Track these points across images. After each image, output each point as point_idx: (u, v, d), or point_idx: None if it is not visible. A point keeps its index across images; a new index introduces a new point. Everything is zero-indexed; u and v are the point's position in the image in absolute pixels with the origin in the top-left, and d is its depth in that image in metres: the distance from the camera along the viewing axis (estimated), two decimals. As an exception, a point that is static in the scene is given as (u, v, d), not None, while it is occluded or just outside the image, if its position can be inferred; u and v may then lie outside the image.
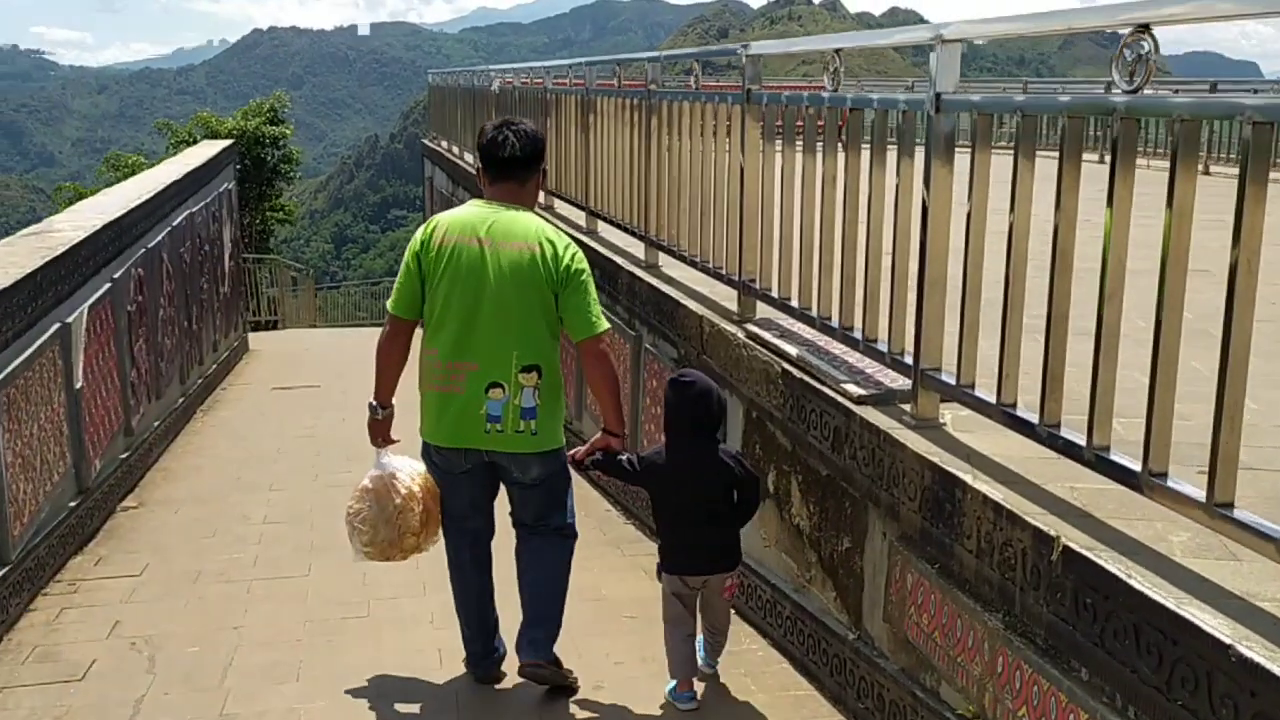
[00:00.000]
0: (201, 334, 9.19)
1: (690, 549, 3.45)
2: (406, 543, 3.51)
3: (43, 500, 4.59)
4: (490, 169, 3.53)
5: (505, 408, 3.37)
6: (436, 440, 3.45)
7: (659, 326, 5.33)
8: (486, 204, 3.50)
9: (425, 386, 3.46)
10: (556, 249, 3.42)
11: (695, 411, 3.44)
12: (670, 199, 5.48)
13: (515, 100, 9.45)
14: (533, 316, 3.38)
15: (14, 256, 4.92)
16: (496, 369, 3.36)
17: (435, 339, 3.41)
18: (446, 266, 3.38)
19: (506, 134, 3.50)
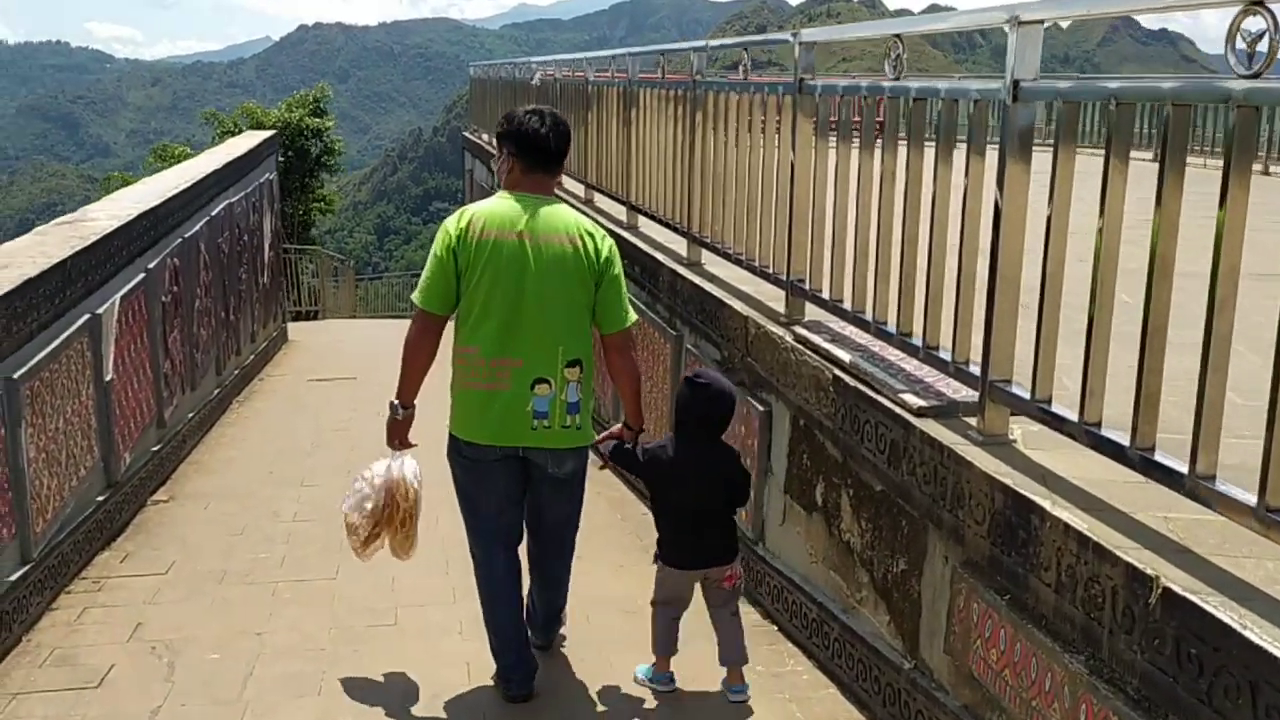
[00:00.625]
0: (239, 324, 9.10)
1: (690, 544, 3.46)
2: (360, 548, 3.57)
3: (68, 495, 4.47)
4: (526, 158, 3.41)
5: (552, 403, 3.33)
6: (478, 438, 3.35)
7: (701, 326, 5.13)
8: (519, 196, 3.39)
9: (463, 384, 3.37)
10: (596, 242, 3.39)
11: (707, 412, 3.45)
12: (715, 194, 5.27)
13: (556, 92, 9.27)
14: (576, 310, 3.35)
15: (45, 246, 4.80)
16: (543, 365, 3.31)
17: (475, 335, 3.31)
18: (487, 262, 3.28)
19: (546, 123, 3.42)
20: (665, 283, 5.71)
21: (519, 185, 3.42)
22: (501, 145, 3.48)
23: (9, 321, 3.91)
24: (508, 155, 3.45)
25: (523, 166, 3.41)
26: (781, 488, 4.18)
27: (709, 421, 3.46)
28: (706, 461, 3.44)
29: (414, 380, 3.42)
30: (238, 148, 10.50)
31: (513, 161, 3.43)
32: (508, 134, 3.44)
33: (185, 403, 6.90)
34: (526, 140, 3.40)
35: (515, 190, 3.41)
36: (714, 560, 3.47)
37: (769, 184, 4.59)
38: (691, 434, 3.45)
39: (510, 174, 3.45)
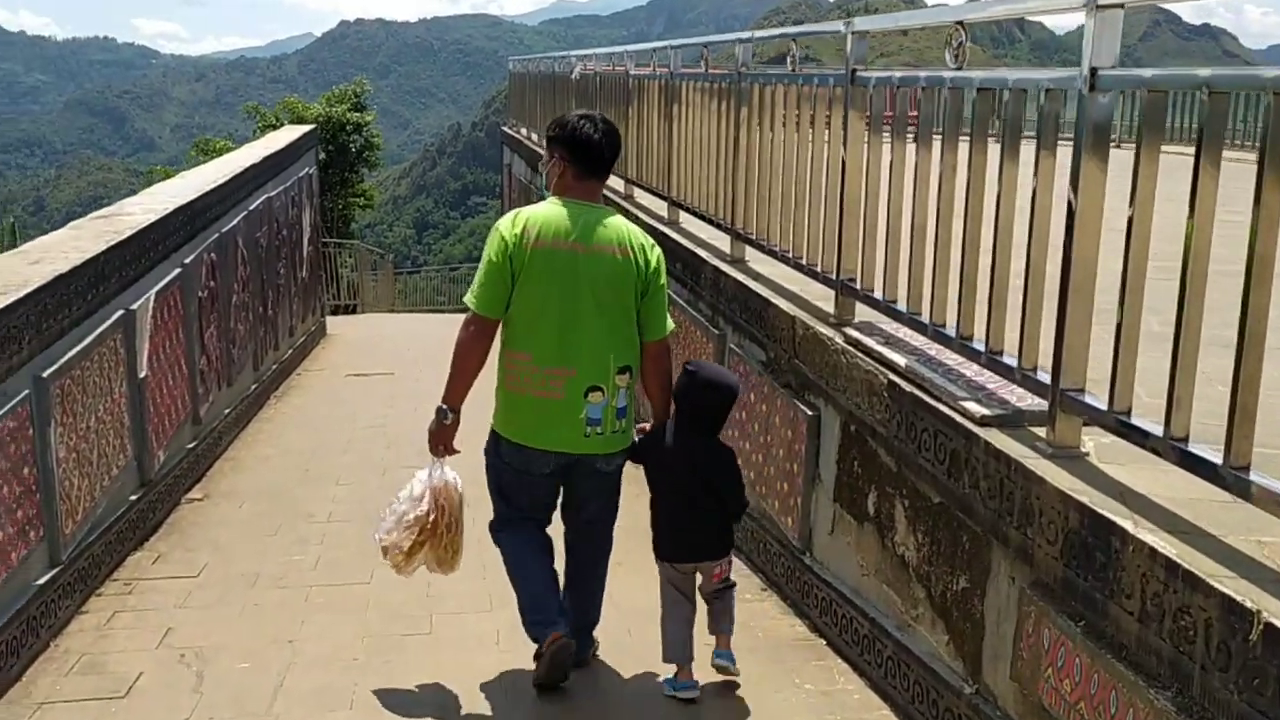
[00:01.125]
0: (277, 319, 9.05)
1: (678, 535, 3.49)
2: (403, 563, 3.52)
3: (99, 495, 4.39)
4: (580, 164, 3.43)
5: (605, 410, 3.37)
6: (529, 442, 3.38)
7: (745, 326, 4.96)
8: (572, 204, 3.41)
9: (513, 389, 3.38)
10: (646, 252, 3.43)
11: (702, 402, 3.48)
12: (760, 190, 5.10)
13: (596, 87, 9.13)
14: (627, 318, 3.39)
15: (79, 240, 4.73)
16: (596, 373, 3.34)
17: (527, 342, 3.34)
18: (540, 270, 3.31)
19: (599, 130, 3.44)
20: (708, 280, 5.55)
21: (570, 191, 3.43)
22: (552, 149, 3.48)
23: (39, 318, 3.83)
24: (559, 160, 3.44)
25: (575, 173, 3.43)
26: (830, 496, 4.01)
27: (703, 412, 3.48)
28: (698, 457, 3.45)
29: (465, 384, 3.39)
30: (276, 142, 10.46)
31: (564, 166, 3.43)
32: (560, 139, 3.44)
33: (221, 399, 6.84)
34: (580, 147, 3.41)
35: (566, 196, 3.42)
36: (704, 555, 3.49)
37: (818, 179, 4.41)
38: (687, 424, 3.47)
39: (561, 178, 3.45)
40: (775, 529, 4.53)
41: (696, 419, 3.48)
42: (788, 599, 4.37)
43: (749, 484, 4.89)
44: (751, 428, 4.84)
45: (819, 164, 4.39)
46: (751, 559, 4.82)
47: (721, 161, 5.65)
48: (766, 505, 4.64)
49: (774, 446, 4.56)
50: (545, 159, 3.55)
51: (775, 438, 4.54)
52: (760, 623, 4.16)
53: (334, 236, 20.35)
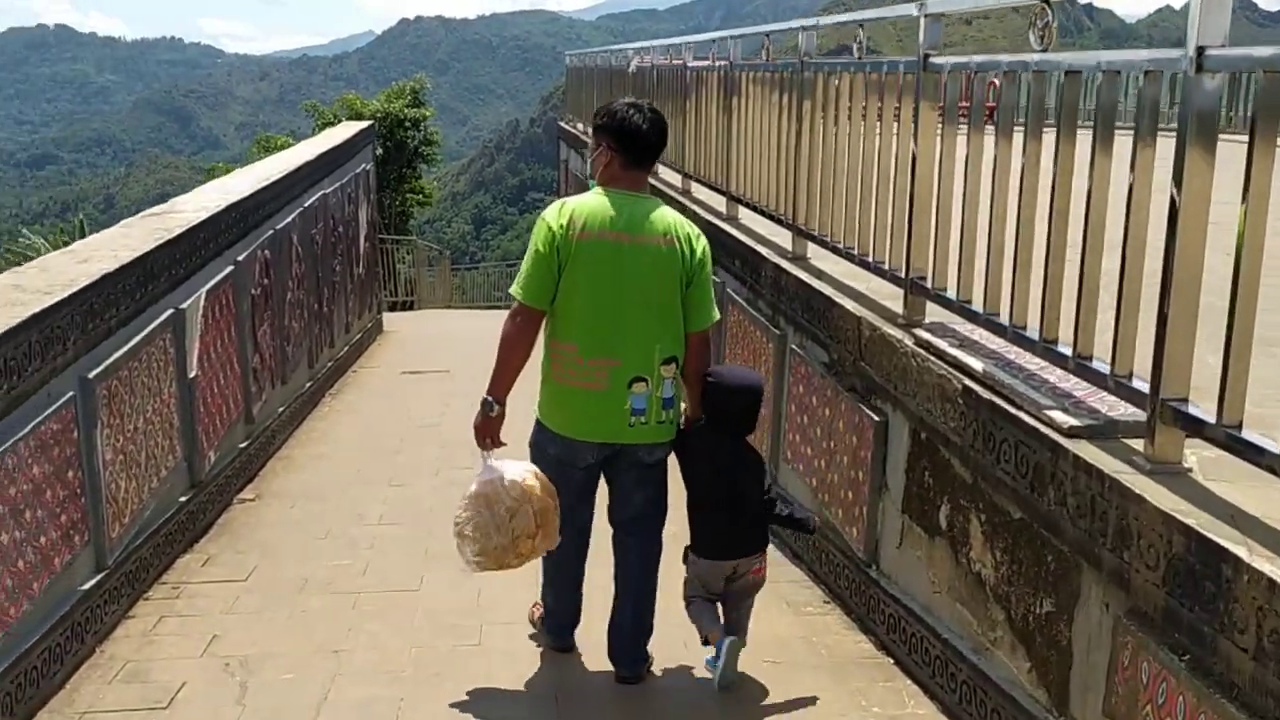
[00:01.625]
0: (333, 316, 9.02)
1: (715, 535, 3.48)
2: (522, 547, 3.35)
3: (147, 498, 4.32)
4: (628, 154, 3.39)
5: (649, 401, 3.35)
6: (574, 434, 3.38)
7: (808, 326, 4.76)
8: (618, 194, 3.38)
9: (557, 380, 3.38)
10: (692, 241, 3.42)
11: (727, 406, 3.48)
12: (824, 183, 4.90)
13: (653, 80, 8.95)
14: (672, 309, 3.37)
15: (129, 239, 4.67)
16: (640, 364, 3.33)
17: (571, 333, 3.33)
18: (587, 261, 3.29)
19: (647, 118, 3.41)
20: (768, 278, 5.36)
21: (617, 181, 3.40)
22: (599, 138, 3.44)
23: (84, 319, 3.75)
24: (606, 149, 3.41)
25: (622, 162, 3.39)
26: (899, 506, 3.80)
27: (731, 417, 3.48)
28: (723, 460, 3.47)
29: (511, 376, 3.38)
30: (332, 139, 10.44)
31: (611, 155, 3.40)
32: (608, 128, 3.41)
33: (275, 397, 6.79)
34: (628, 135, 3.37)
35: (613, 186, 3.39)
36: (744, 552, 3.48)
37: (886, 172, 4.20)
38: (716, 428, 3.48)
39: (608, 168, 3.41)
40: (839, 539, 4.33)
41: (725, 424, 3.48)
42: (852, 613, 4.17)
43: (810, 490, 4.69)
44: (814, 432, 4.64)
45: (887, 156, 4.18)
46: (814, 570, 4.62)
47: (783, 155, 5.46)
48: (830, 514, 4.44)
49: (838, 453, 4.36)
50: (591, 147, 3.51)
51: (839, 444, 4.34)
52: (824, 638, 3.97)
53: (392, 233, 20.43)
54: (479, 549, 3.33)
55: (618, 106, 3.44)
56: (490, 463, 3.37)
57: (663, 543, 3.60)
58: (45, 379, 3.46)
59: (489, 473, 3.34)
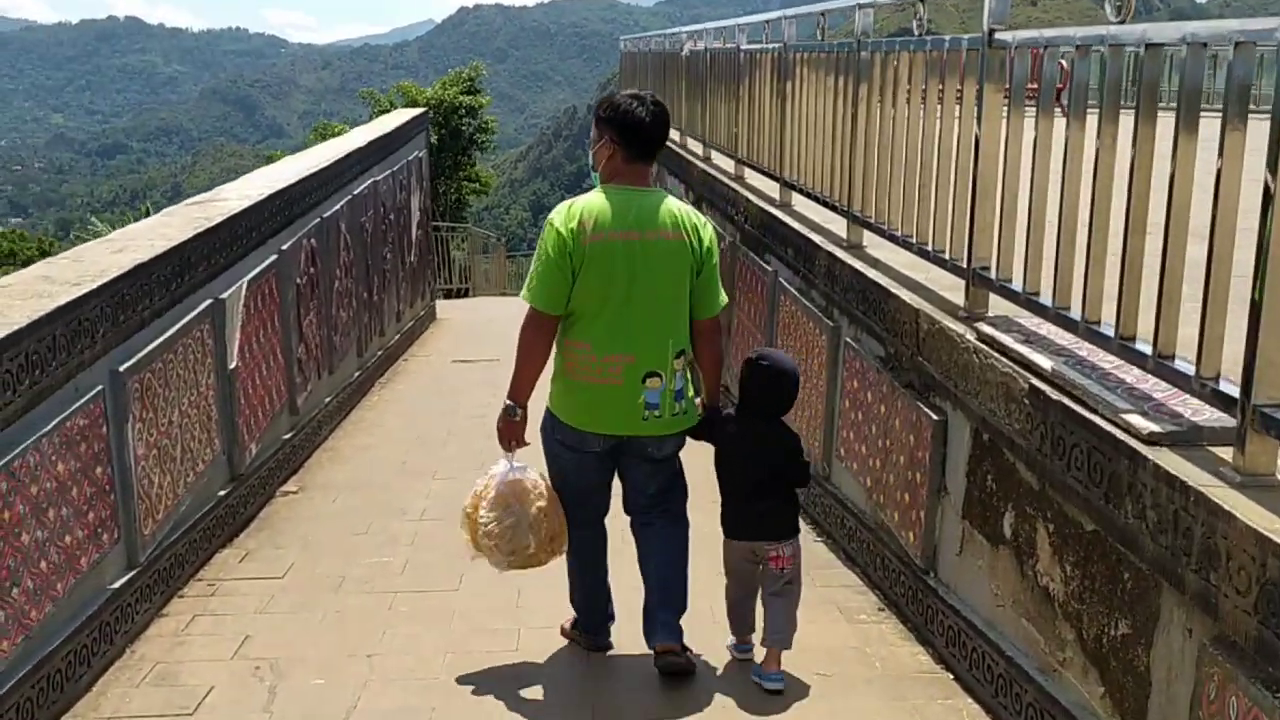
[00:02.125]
0: (383, 305, 8.95)
1: (743, 516, 3.48)
2: (556, 544, 3.48)
3: (183, 492, 4.24)
4: (632, 148, 3.38)
5: (663, 394, 3.37)
6: (589, 428, 3.38)
7: (863, 318, 4.54)
8: (623, 191, 3.37)
9: (572, 377, 3.39)
10: (699, 231, 3.41)
11: (767, 392, 3.50)
12: (881, 169, 4.66)
13: (706, 63, 8.73)
14: (682, 302, 3.39)
15: (168, 228, 4.59)
16: (654, 359, 3.34)
17: (585, 331, 3.33)
18: (599, 263, 3.28)
19: (649, 110, 3.38)
20: (822, 267, 5.14)
21: (621, 176, 3.39)
22: (602, 131, 3.43)
23: (115, 310, 3.66)
24: (609, 142, 3.39)
25: (625, 156, 3.38)
26: (959, 511, 3.58)
27: (769, 402, 3.51)
28: (763, 443, 3.48)
29: (531, 380, 3.42)
30: (384, 125, 10.37)
31: (614, 149, 3.39)
32: (610, 120, 3.39)
33: (321, 387, 6.72)
34: (631, 129, 3.36)
35: (617, 181, 3.39)
36: (764, 535, 3.46)
37: (947, 157, 3.97)
38: (752, 412, 3.51)
39: (610, 161, 3.40)
40: (894, 543, 4.12)
41: (765, 406, 3.51)
42: (908, 622, 3.96)
43: (864, 491, 4.48)
44: (868, 430, 4.42)
45: (949, 139, 3.95)
46: (868, 574, 4.41)
47: (839, 139, 5.23)
48: (885, 516, 4.23)
49: (894, 452, 4.14)
50: (593, 139, 3.47)
51: (895, 442, 4.12)
52: (878, 649, 3.76)
53: (447, 220, 20.45)
54: (511, 549, 3.39)
55: (620, 99, 3.41)
56: (515, 464, 3.44)
57: (688, 520, 3.59)
58: (71, 373, 3.38)
59: (516, 473, 3.41)
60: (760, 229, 6.32)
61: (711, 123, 8.49)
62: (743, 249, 6.71)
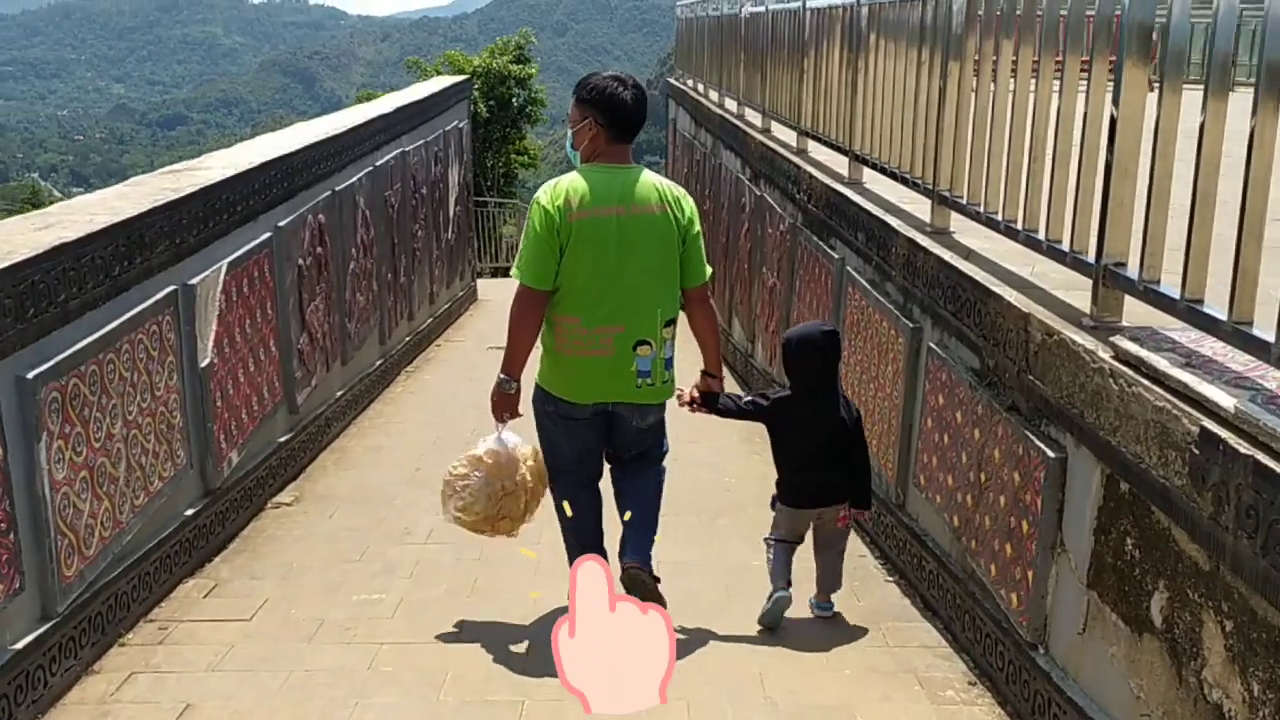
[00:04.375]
0: (412, 286, 8.27)
1: (809, 485, 3.65)
2: (501, 525, 3.55)
3: (129, 518, 3.56)
4: (614, 129, 3.48)
5: (654, 363, 3.48)
6: (579, 399, 3.48)
7: (951, 320, 3.74)
8: (606, 169, 3.47)
9: (562, 351, 3.47)
10: (681, 203, 3.53)
11: (814, 362, 3.64)
12: (976, 141, 3.85)
13: (766, 26, 7.87)
14: (670, 273, 3.50)
15: (124, 200, 3.89)
16: (644, 328, 3.45)
17: (574, 306, 3.41)
18: (587, 238, 3.37)
19: (633, 93, 3.48)
20: (899, 256, 4.33)
21: (604, 155, 3.48)
22: (584, 112, 3.49)
23: (19, 303, 2.93)
24: (592, 123, 3.47)
25: (607, 136, 3.47)
26: (1082, 578, 2.78)
27: (809, 374, 3.65)
28: (825, 408, 3.64)
29: (524, 355, 3.51)
30: (417, 92, 9.67)
31: (597, 129, 3.47)
32: (593, 101, 3.47)
33: (330, 380, 6.04)
34: (613, 109, 3.45)
35: (599, 161, 3.48)
36: (830, 499, 3.64)
37: (1067, 126, 3.15)
38: (810, 386, 3.65)
39: (593, 141, 3.48)
40: (989, 602, 3.32)
41: (806, 378, 3.65)
42: (1007, 705, 3.17)
43: (949, 530, 3.69)
44: (956, 457, 3.62)
45: (1069, 107, 3.13)
46: (952, 631, 3.63)
47: (923, 107, 4.40)
48: (976, 566, 3.43)
49: (989, 489, 3.34)
50: (574, 119, 3.54)
51: (993, 477, 3.32)
52: (971, 743, 2.99)
53: (495, 195, 19.73)
54: (463, 506, 3.50)
55: (602, 80, 3.50)
56: (503, 434, 3.53)
57: (665, 468, 3.75)
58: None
59: (500, 444, 3.51)
60: (825, 209, 5.51)
61: (772, 90, 7.66)
62: (804, 232, 5.90)
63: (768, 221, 6.90)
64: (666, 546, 4.23)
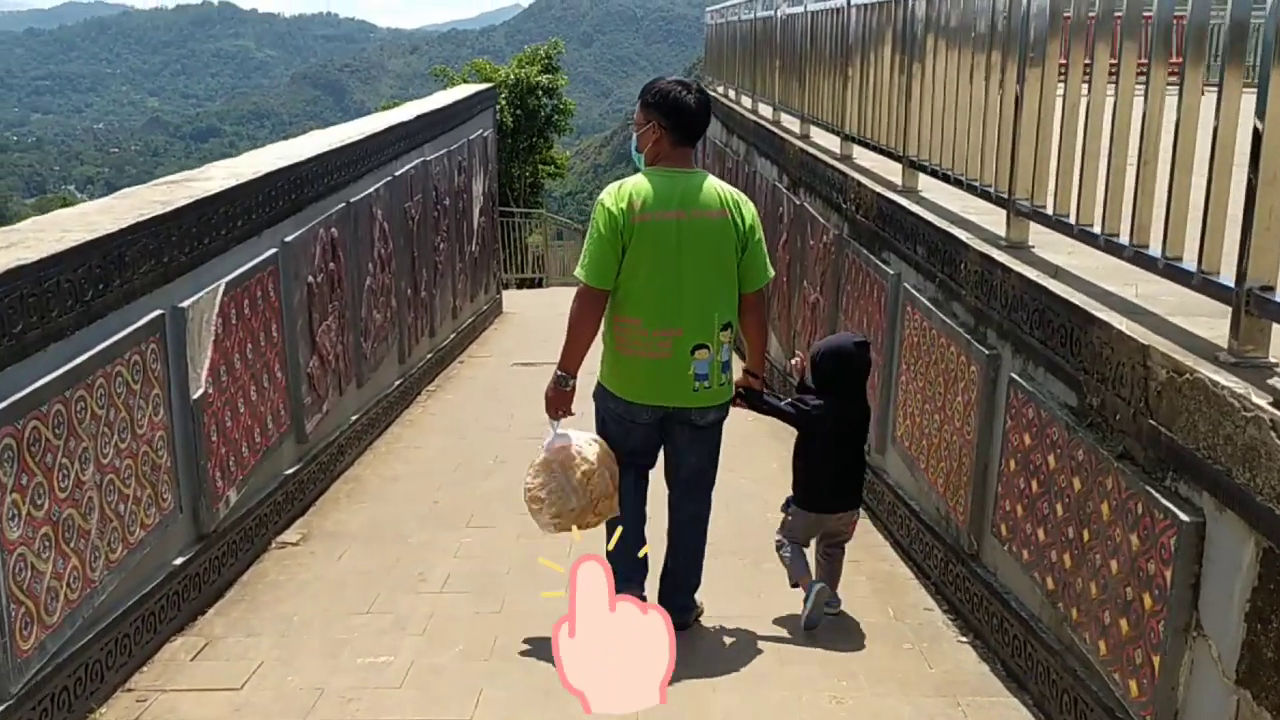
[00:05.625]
0: (434, 301, 7.86)
1: (828, 491, 3.73)
2: (601, 507, 3.51)
3: (102, 576, 3.13)
4: (677, 132, 3.51)
5: (711, 366, 3.50)
6: (639, 399, 3.52)
7: (1040, 348, 3.26)
8: (670, 173, 3.50)
9: (622, 351, 3.52)
10: (741, 208, 3.54)
11: (851, 377, 3.73)
12: (1065, 146, 3.37)
13: (805, 27, 7.41)
14: (729, 278, 3.52)
15: (106, 214, 3.48)
16: (702, 332, 3.48)
17: (635, 308, 3.47)
18: (649, 241, 3.40)
19: (696, 98, 3.50)
20: (971, 274, 3.85)
21: (668, 159, 3.51)
22: (649, 115, 3.52)
23: (-34, 336, 2.54)
24: (656, 126, 3.50)
25: (672, 140, 3.50)
26: (1229, 672, 2.29)
27: (852, 380, 3.74)
28: (852, 418, 3.75)
29: (582, 351, 3.51)
30: (439, 100, 9.27)
31: (661, 133, 3.50)
32: (658, 106, 3.49)
33: (344, 405, 5.63)
34: (678, 113, 3.48)
35: (663, 164, 3.51)
36: (847, 506, 3.76)
37: (1189, 129, 2.68)
38: (844, 395, 3.72)
39: (657, 144, 3.51)
40: (1098, 683, 2.83)
41: (844, 389, 3.72)
42: (1123, 810, 2.68)
43: (1041, 594, 3.20)
44: (1050, 509, 3.14)
45: (1190, 112, 2.66)
46: (1046, 710, 3.14)
47: (994, 107, 3.93)
48: (1078, 639, 2.94)
49: (1095, 550, 2.86)
50: (639, 122, 3.58)
51: (1101, 538, 2.83)
52: None
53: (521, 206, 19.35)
54: (556, 511, 3.46)
55: (668, 85, 3.54)
56: (560, 430, 3.52)
57: (711, 501, 3.76)
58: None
59: (561, 439, 3.49)
60: (877, 220, 5.04)
61: (812, 94, 7.19)
62: (851, 244, 5.43)
63: (809, 232, 6.43)
64: (706, 597, 3.82)
